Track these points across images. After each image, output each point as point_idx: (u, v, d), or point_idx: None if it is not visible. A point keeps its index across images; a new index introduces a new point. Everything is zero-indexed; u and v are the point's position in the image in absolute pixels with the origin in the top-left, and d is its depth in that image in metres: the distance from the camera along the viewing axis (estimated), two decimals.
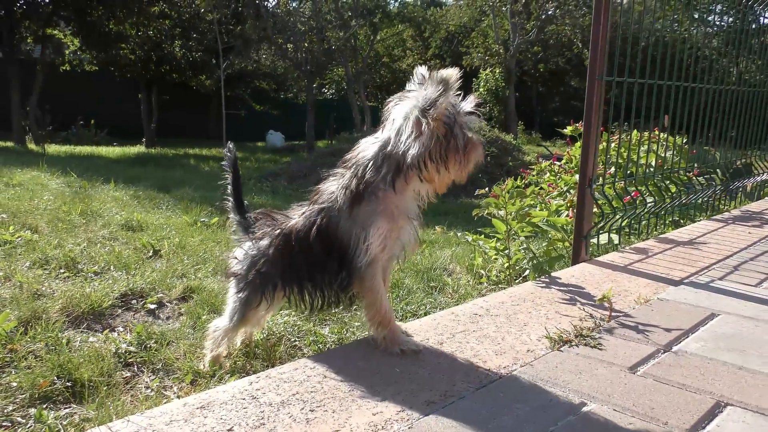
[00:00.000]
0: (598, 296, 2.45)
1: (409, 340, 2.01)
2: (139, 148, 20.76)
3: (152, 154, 18.53)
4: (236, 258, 2.16)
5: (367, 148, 1.88)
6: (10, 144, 17.29)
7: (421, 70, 1.88)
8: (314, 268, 1.97)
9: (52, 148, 17.34)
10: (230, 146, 2.29)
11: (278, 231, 2.02)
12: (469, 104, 1.87)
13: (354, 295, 2.01)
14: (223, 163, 2.29)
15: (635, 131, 4.25)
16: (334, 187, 1.92)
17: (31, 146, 17.36)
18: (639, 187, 3.84)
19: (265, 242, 2.05)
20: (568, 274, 2.87)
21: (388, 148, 1.83)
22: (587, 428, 1.50)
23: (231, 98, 24.87)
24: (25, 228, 4.52)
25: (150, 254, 4.11)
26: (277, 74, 27.58)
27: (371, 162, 1.84)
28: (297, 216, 2.01)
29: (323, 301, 2.03)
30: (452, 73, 1.81)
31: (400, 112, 1.83)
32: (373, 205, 1.84)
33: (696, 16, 5.20)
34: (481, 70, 29.61)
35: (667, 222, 4.43)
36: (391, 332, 1.97)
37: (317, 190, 2.00)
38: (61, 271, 3.53)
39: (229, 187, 2.27)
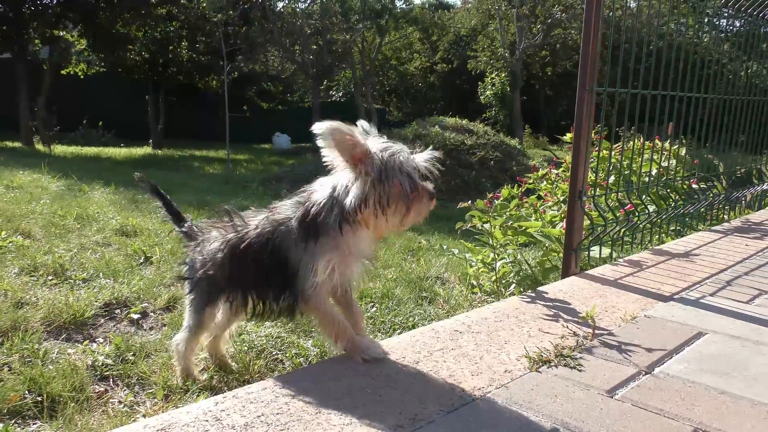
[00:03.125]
0: (583, 313, 2.40)
1: (371, 347, 2.00)
2: (145, 149, 20.85)
3: (158, 156, 18.60)
4: (186, 262, 2.20)
5: (321, 188, 1.92)
6: (17, 144, 17.39)
7: (363, 123, 1.92)
8: (262, 279, 2.00)
9: (60, 149, 17.44)
10: (139, 177, 2.36)
11: (231, 237, 2.03)
12: (425, 155, 1.90)
13: (299, 313, 2.04)
14: (141, 186, 2.41)
15: (632, 141, 4.20)
16: (290, 212, 1.94)
17: (39, 147, 17.45)
18: (634, 200, 3.77)
19: (215, 245, 2.06)
20: (555, 289, 2.82)
21: (335, 194, 1.87)
22: None
23: (238, 100, 24.90)
24: (18, 233, 4.51)
25: (141, 261, 4.08)
26: (284, 76, 27.62)
27: (322, 203, 1.88)
28: (253, 225, 2.03)
29: (264, 310, 2.05)
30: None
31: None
32: (324, 239, 1.88)
33: (706, 20, 5.13)
34: (486, 74, 29.55)
35: (666, 232, 4.36)
36: (349, 343, 1.98)
37: (276, 205, 2.02)
38: (49, 278, 3.51)
39: (162, 210, 2.40)
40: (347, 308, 2.08)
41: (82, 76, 21.54)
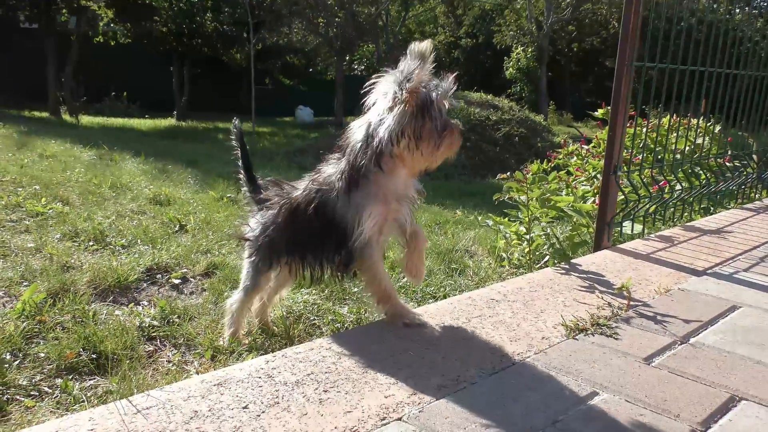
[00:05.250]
0: (617, 284, 2.44)
1: (412, 313, 2.06)
2: (170, 121, 21.01)
3: (182, 128, 18.74)
4: (249, 226, 2.23)
5: (356, 130, 1.91)
6: (45, 114, 17.63)
7: (414, 46, 1.85)
8: (314, 242, 2.04)
9: (86, 120, 17.65)
10: (236, 122, 2.35)
11: (284, 201, 2.09)
12: (450, 84, 1.86)
13: (354, 272, 2.07)
14: (232, 137, 2.35)
15: (665, 117, 4.18)
16: (331, 169, 1.97)
17: (66, 117, 17.68)
18: (667, 177, 3.77)
19: (273, 210, 2.12)
20: (588, 261, 2.86)
21: (370, 128, 1.86)
22: (597, 418, 1.51)
23: (261, 72, 24.91)
24: (57, 200, 4.63)
25: (176, 229, 4.18)
26: (307, 50, 27.55)
27: (360, 145, 1.87)
28: (301, 189, 2.07)
29: (322, 273, 2.09)
30: (427, 46, 1.81)
31: (380, 89, 1.86)
32: (366, 189, 1.89)
33: None
34: (513, 49, 29.20)
35: (696, 209, 4.36)
36: (393, 307, 2.03)
37: (317, 169, 2.05)
38: (90, 243, 3.62)
39: (239, 161, 2.35)
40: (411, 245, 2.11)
41: (113, 44, 21.62)
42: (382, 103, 1.83)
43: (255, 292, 2.27)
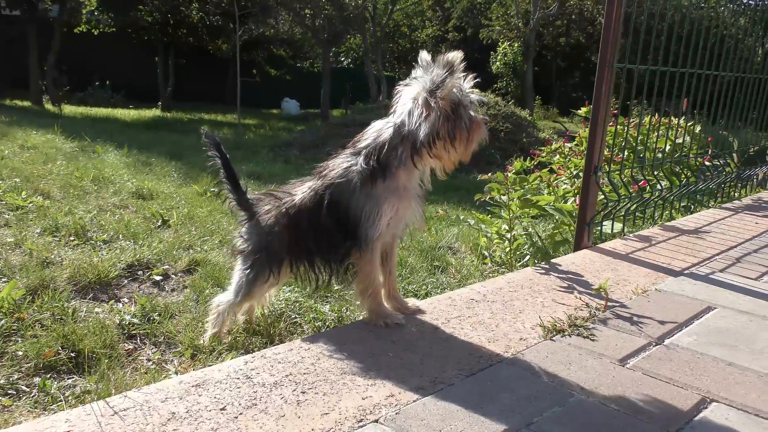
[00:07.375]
0: (596, 285, 2.47)
1: (392, 314, 2.11)
2: (154, 112, 20.80)
3: (167, 119, 18.57)
4: (242, 236, 2.22)
5: (382, 130, 1.98)
6: (27, 103, 17.41)
7: (425, 55, 2.02)
8: (321, 241, 2.06)
9: (69, 109, 17.43)
10: (205, 132, 2.33)
11: (284, 208, 2.09)
12: (469, 84, 1.98)
13: (351, 266, 2.10)
14: (207, 151, 2.30)
15: (647, 116, 4.22)
16: (347, 163, 2.00)
17: (48, 106, 17.47)
18: (647, 177, 3.81)
19: (270, 220, 2.12)
20: (568, 261, 2.89)
21: (404, 130, 1.94)
22: (572, 420, 1.54)
23: (247, 64, 24.70)
24: (38, 193, 4.59)
25: (159, 224, 4.16)
26: (294, 41, 27.39)
27: (387, 143, 1.95)
28: (302, 191, 2.09)
29: (329, 273, 2.13)
30: (457, 56, 1.93)
31: (409, 95, 1.96)
32: (387, 182, 1.96)
33: None
34: (499, 44, 29.23)
35: (677, 207, 4.41)
36: (377, 305, 2.09)
37: (324, 165, 2.08)
38: (71, 238, 3.59)
39: (221, 171, 2.30)
40: (386, 269, 2.18)
41: (96, 32, 21.33)
42: (412, 107, 1.93)
43: (246, 300, 2.25)
